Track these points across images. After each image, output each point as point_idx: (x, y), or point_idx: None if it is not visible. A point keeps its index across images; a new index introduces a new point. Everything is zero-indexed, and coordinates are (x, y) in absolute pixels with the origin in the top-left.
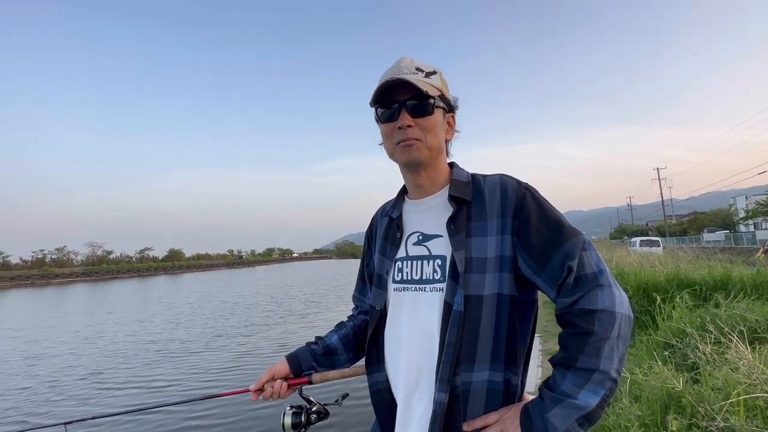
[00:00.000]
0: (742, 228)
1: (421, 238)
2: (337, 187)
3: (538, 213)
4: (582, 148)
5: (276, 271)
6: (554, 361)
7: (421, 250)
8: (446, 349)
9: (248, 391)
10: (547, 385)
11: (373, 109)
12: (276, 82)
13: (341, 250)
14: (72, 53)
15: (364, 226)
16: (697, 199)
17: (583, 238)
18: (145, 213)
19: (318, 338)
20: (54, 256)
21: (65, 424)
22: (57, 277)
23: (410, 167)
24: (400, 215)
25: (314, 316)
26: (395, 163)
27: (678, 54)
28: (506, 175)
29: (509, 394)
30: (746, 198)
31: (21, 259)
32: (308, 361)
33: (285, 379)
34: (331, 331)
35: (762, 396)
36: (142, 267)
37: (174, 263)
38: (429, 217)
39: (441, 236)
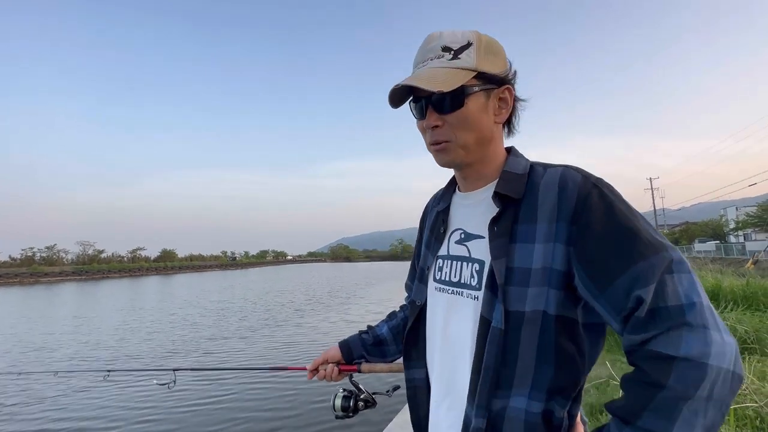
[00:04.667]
0: (732, 239)
1: (463, 236)
2: (333, 190)
3: (605, 218)
4: (576, 157)
5: (269, 274)
6: (611, 408)
7: (461, 250)
8: (484, 371)
9: (306, 369)
10: None
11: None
12: (274, 82)
13: (335, 254)
14: (69, 48)
15: (359, 230)
16: (688, 209)
17: (670, 257)
18: (139, 213)
19: (369, 327)
20: (44, 255)
21: (174, 370)
22: (46, 276)
23: (450, 168)
24: (447, 208)
25: (305, 334)
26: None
27: (671, 63)
28: (571, 168)
29: (552, 427)
30: (736, 209)
31: (10, 256)
32: (358, 350)
33: (337, 364)
34: (383, 320)
35: (751, 406)
36: (133, 267)
37: (166, 264)
38: (474, 213)
39: (483, 238)
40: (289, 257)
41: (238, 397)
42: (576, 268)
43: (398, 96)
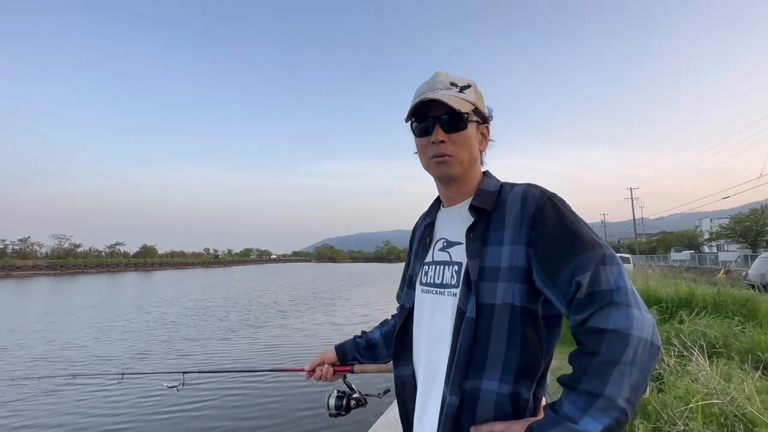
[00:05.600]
0: (706, 249)
1: (445, 244)
2: (320, 191)
3: (555, 223)
4: (563, 166)
5: (252, 273)
6: (560, 381)
7: (444, 256)
8: (458, 353)
9: (304, 370)
10: (552, 405)
11: (407, 124)
12: (266, 82)
13: (320, 253)
14: (62, 42)
15: (344, 231)
16: (666, 219)
17: (604, 252)
18: (119, 207)
19: (363, 332)
20: (16, 247)
21: (183, 373)
22: (18, 270)
23: (443, 181)
24: (433, 221)
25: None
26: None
27: (653, 77)
28: (532, 185)
29: (519, 407)
30: (711, 221)
31: None
32: (352, 352)
33: (332, 365)
34: (376, 327)
35: (717, 403)
36: (111, 262)
37: (146, 260)
38: (454, 224)
39: (461, 243)
40: (274, 256)
41: (233, 398)
42: (534, 264)
43: (415, 109)
